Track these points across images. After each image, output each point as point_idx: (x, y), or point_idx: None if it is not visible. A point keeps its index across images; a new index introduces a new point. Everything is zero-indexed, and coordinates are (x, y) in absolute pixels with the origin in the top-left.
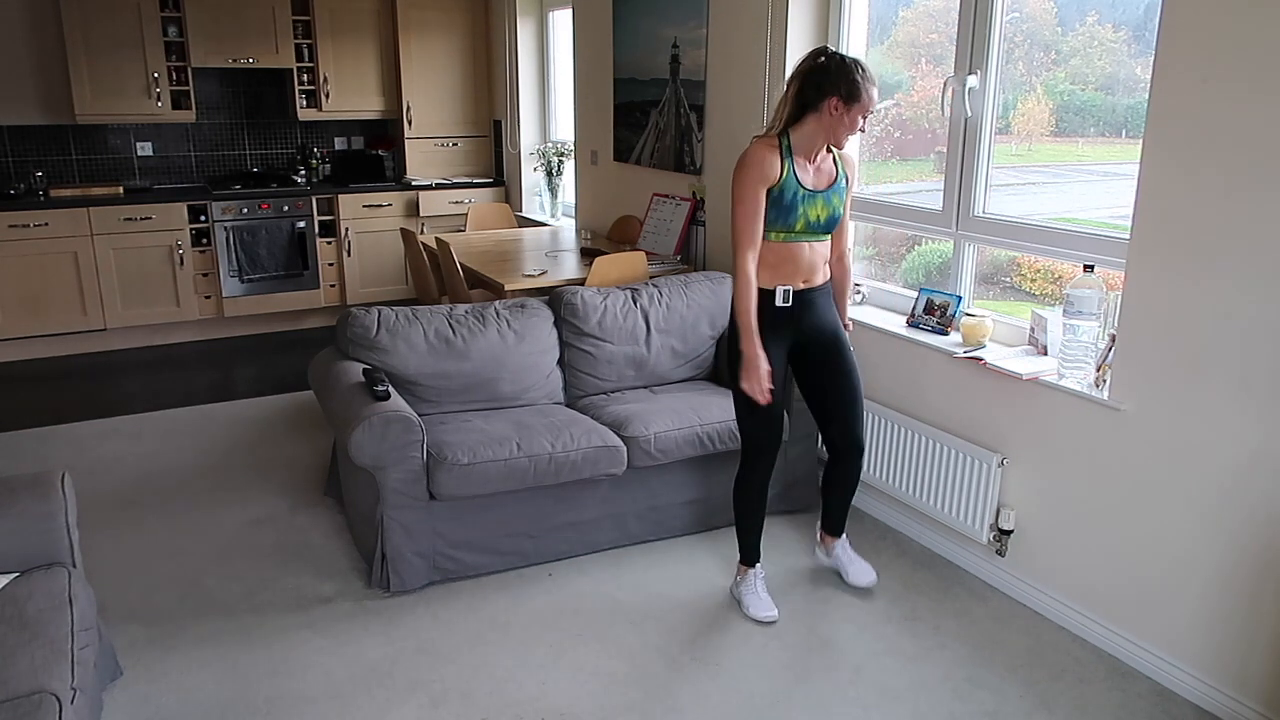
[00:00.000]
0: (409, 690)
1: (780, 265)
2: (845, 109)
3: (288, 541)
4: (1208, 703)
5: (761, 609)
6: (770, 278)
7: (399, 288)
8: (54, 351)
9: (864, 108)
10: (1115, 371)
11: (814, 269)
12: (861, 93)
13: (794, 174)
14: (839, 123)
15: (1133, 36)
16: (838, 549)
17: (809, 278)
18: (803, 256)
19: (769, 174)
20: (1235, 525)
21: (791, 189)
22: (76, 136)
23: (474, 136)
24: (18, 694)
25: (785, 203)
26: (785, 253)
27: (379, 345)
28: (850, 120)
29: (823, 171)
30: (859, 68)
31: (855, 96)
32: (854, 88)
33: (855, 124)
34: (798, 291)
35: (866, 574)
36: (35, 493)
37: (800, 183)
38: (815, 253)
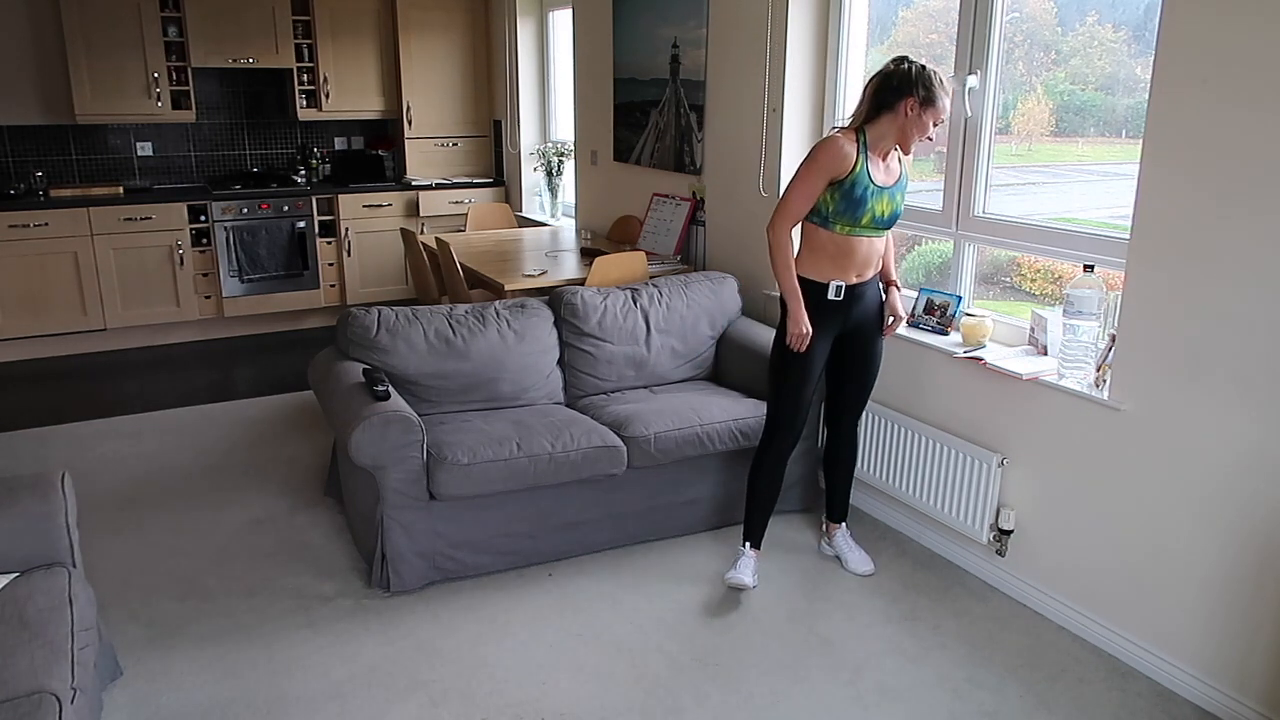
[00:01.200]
0: (409, 690)
1: (839, 258)
2: (920, 111)
3: (288, 541)
4: (1208, 703)
5: (736, 573)
6: (827, 270)
7: (399, 288)
8: (54, 351)
9: (937, 113)
10: (1115, 371)
11: (869, 264)
12: (938, 98)
13: (867, 169)
14: (912, 124)
15: (1133, 36)
16: (838, 537)
17: (862, 272)
18: (861, 251)
19: (841, 166)
20: (1235, 525)
21: (863, 183)
22: (76, 136)
23: (474, 136)
24: (18, 694)
25: (856, 196)
26: (846, 246)
27: (379, 345)
28: (922, 124)
29: (891, 169)
30: (937, 76)
31: (931, 101)
32: (931, 92)
33: (926, 128)
34: (849, 285)
35: (864, 563)
36: (35, 493)
37: (872, 178)
38: (873, 248)
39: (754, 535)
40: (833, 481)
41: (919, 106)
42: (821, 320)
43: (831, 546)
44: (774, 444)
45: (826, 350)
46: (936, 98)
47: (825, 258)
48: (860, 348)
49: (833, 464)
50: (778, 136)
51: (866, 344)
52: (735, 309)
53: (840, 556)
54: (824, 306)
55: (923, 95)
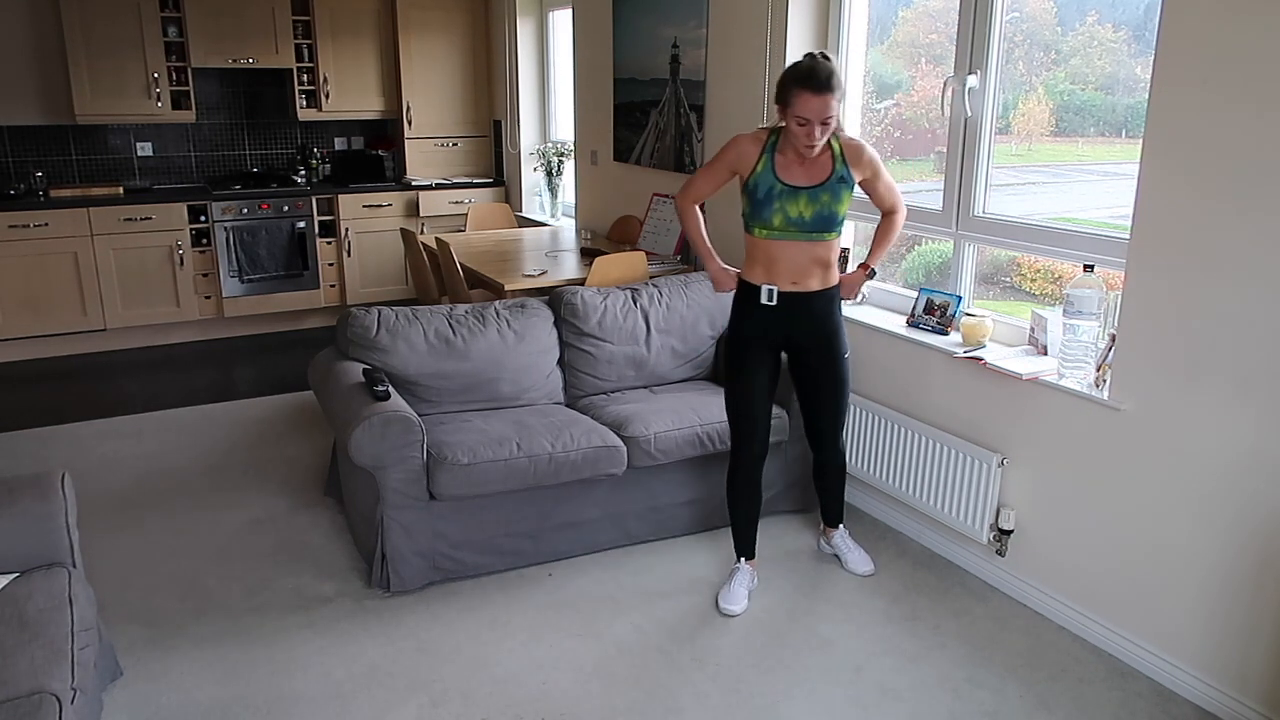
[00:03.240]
0: (409, 690)
1: (767, 262)
2: (785, 114)
3: (288, 541)
4: (1208, 702)
5: (726, 599)
6: (759, 274)
7: (399, 288)
8: (54, 351)
9: (796, 115)
10: (1115, 371)
11: (804, 271)
12: (792, 99)
13: (771, 169)
14: (790, 128)
15: (1133, 36)
16: (836, 538)
17: (798, 279)
18: (788, 256)
19: (740, 163)
20: (1235, 524)
21: (766, 184)
22: (76, 136)
23: (474, 136)
24: (18, 694)
25: (759, 197)
26: (768, 250)
27: (379, 345)
28: (795, 128)
29: (815, 167)
30: (801, 73)
31: (786, 102)
32: (785, 92)
33: (799, 134)
34: (785, 293)
35: (864, 563)
36: (35, 493)
37: (779, 178)
38: (806, 254)
39: (744, 548)
40: (822, 491)
41: (782, 110)
42: (758, 325)
43: (830, 546)
44: (736, 456)
45: (770, 360)
46: (791, 98)
47: (755, 262)
48: (813, 369)
49: (819, 476)
50: None
51: (820, 364)
52: None
53: (839, 556)
54: (759, 311)
55: (780, 97)
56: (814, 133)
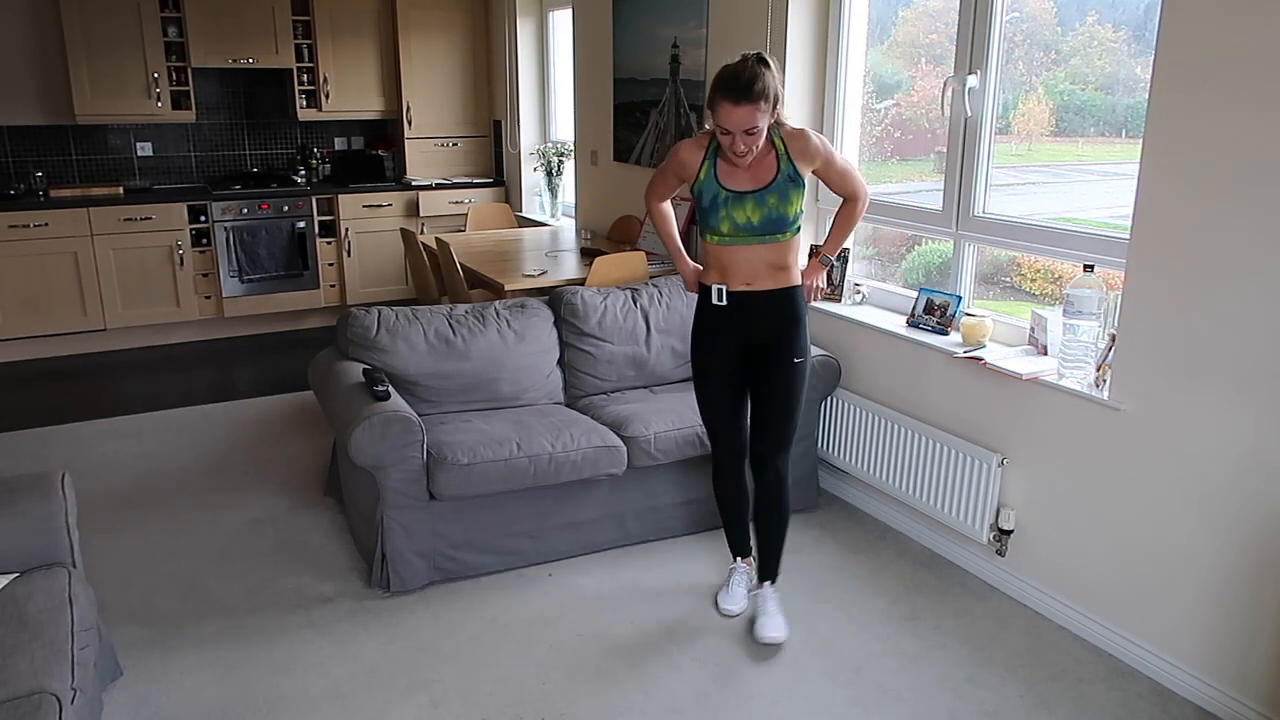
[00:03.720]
0: (409, 690)
1: (721, 267)
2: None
3: (288, 541)
4: (1208, 702)
5: (726, 599)
6: (710, 276)
7: (399, 288)
8: (54, 351)
9: (718, 124)
10: (1115, 371)
11: (757, 272)
12: (717, 105)
13: (714, 176)
14: (718, 136)
15: (1133, 36)
16: (759, 594)
17: (752, 280)
18: (740, 260)
19: (683, 172)
20: (1235, 524)
21: (710, 191)
22: (76, 136)
23: (474, 136)
24: (18, 694)
25: (704, 205)
26: (720, 255)
27: (379, 345)
28: (723, 137)
29: (760, 169)
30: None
31: (712, 108)
32: (712, 98)
33: (724, 142)
34: (736, 292)
35: (776, 629)
36: (35, 493)
37: (722, 184)
38: (759, 257)
39: (738, 547)
40: (757, 531)
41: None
42: (713, 325)
43: (750, 601)
44: (715, 458)
45: (730, 359)
46: (716, 104)
47: (710, 267)
48: (764, 371)
49: (756, 517)
50: None
51: (770, 367)
52: None
53: (754, 615)
54: (713, 311)
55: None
56: (737, 143)
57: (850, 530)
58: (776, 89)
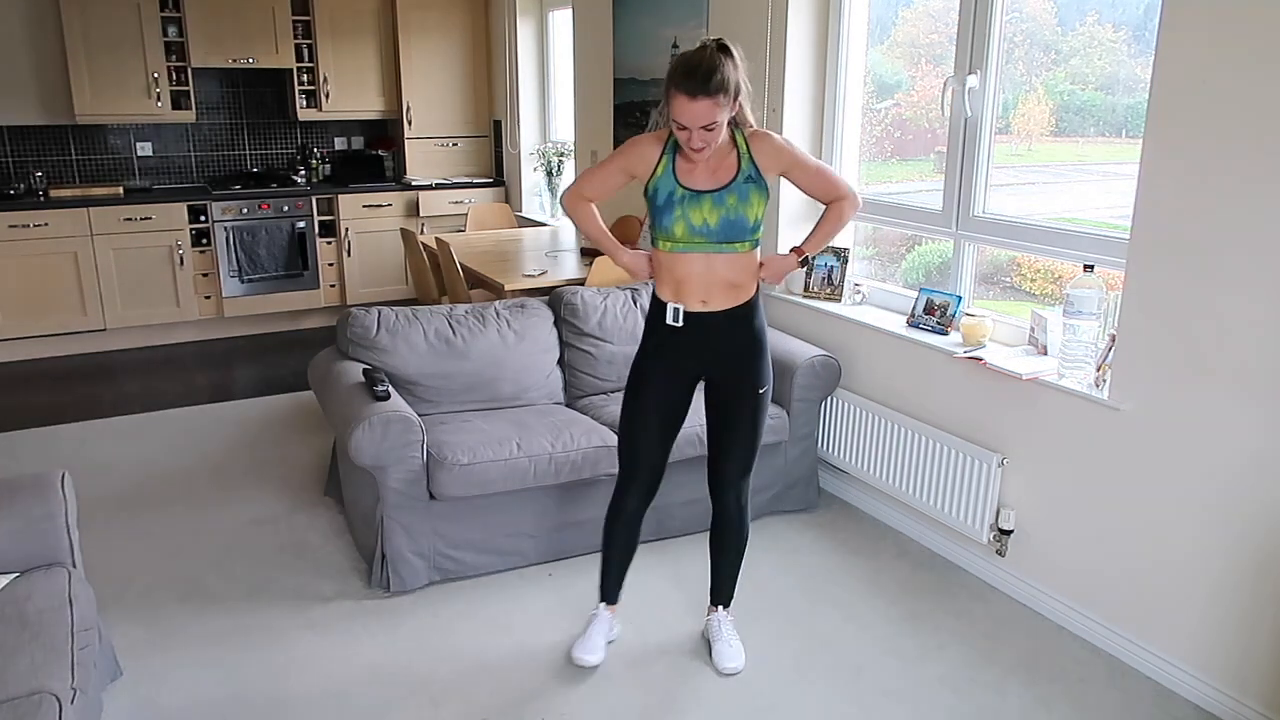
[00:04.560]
0: (409, 690)
1: (674, 282)
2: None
3: (288, 541)
4: (1208, 703)
5: (581, 649)
6: (667, 292)
7: (399, 288)
8: (54, 351)
9: (673, 116)
10: (1115, 371)
11: (715, 289)
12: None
13: (672, 172)
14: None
15: (1133, 36)
16: (713, 621)
17: (707, 297)
18: (695, 271)
19: (635, 166)
20: (1235, 525)
21: (667, 188)
22: (76, 136)
23: (474, 136)
24: (18, 694)
25: (659, 203)
26: (674, 265)
27: (379, 345)
28: (679, 132)
29: (720, 168)
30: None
31: (667, 100)
32: (665, 89)
33: (680, 137)
34: (693, 313)
35: (732, 658)
36: (35, 493)
37: (680, 182)
38: (716, 269)
39: (609, 593)
40: (715, 554)
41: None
42: (664, 351)
43: (706, 630)
44: (621, 495)
45: (676, 393)
46: (671, 97)
47: (663, 280)
48: (724, 401)
49: (712, 539)
50: None
51: (731, 398)
52: None
53: (709, 642)
54: (665, 334)
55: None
56: (694, 138)
57: (850, 530)
58: (738, 81)
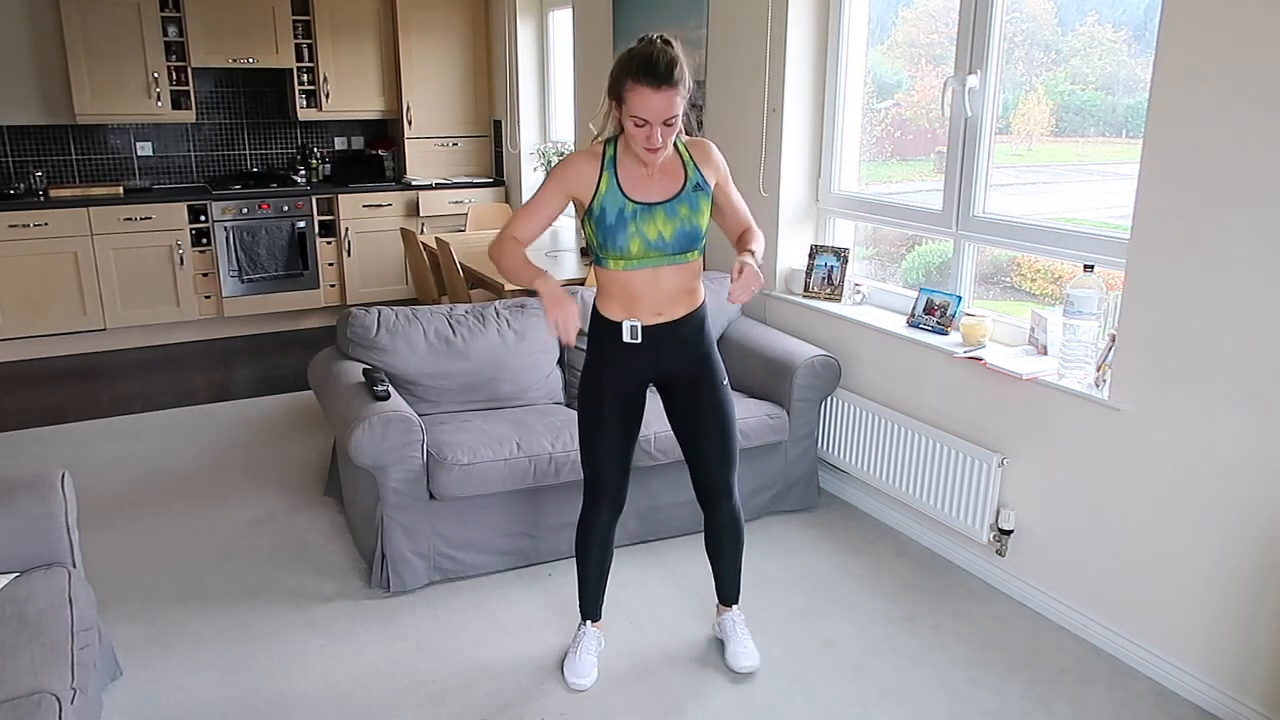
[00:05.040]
0: (409, 690)
1: (627, 298)
2: (619, 112)
3: (288, 541)
4: (1208, 703)
5: (573, 671)
6: (613, 310)
7: (399, 288)
8: (54, 351)
9: (633, 114)
10: (1115, 371)
11: (672, 299)
12: (625, 93)
13: (617, 186)
14: (627, 130)
15: (1133, 36)
16: (726, 620)
17: (663, 309)
18: (652, 286)
19: (574, 186)
20: (1235, 524)
21: (615, 205)
22: (76, 136)
23: (474, 136)
24: (18, 694)
25: (609, 222)
26: (629, 283)
27: (379, 345)
28: (632, 129)
29: (666, 178)
30: (636, 61)
31: (619, 97)
32: (617, 85)
33: (637, 135)
34: (649, 327)
35: (748, 657)
36: (35, 493)
37: (628, 196)
38: (671, 280)
39: (591, 610)
40: (715, 558)
41: (617, 107)
42: (621, 369)
43: (719, 629)
44: (592, 510)
45: (634, 406)
46: (625, 93)
47: (611, 297)
48: (691, 404)
49: (710, 543)
50: (778, 136)
51: (697, 387)
52: (734, 309)
53: (722, 642)
54: (621, 352)
55: (611, 90)
56: (654, 135)
57: (850, 530)
58: (690, 70)
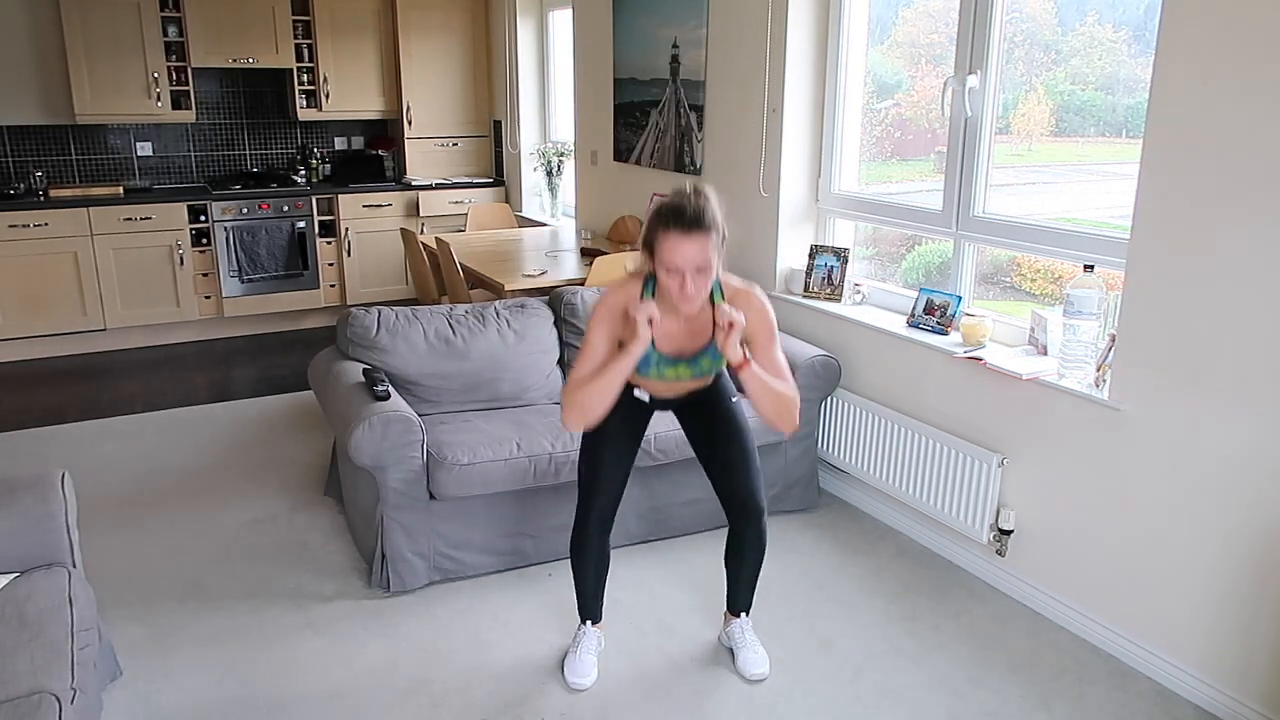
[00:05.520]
0: (409, 690)
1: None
2: (652, 263)
3: (288, 541)
4: (1208, 703)
5: (574, 670)
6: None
7: (399, 288)
8: (54, 351)
9: (665, 263)
10: (1115, 371)
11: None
12: (658, 243)
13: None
14: (660, 281)
15: (1133, 36)
16: (735, 627)
17: (676, 394)
18: (668, 387)
19: (619, 330)
20: (1235, 524)
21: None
22: (76, 136)
23: (474, 136)
24: (18, 694)
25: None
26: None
27: (379, 345)
28: (665, 280)
29: (695, 331)
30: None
31: (652, 247)
32: (650, 235)
33: (671, 287)
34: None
35: (759, 664)
36: (35, 493)
37: (654, 345)
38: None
39: (591, 612)
40: (735, 568)
41: (650, 258)
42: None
43: (727, 637)
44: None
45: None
46: (657, 243)
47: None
48: (703, 421)
49: (732, 553)
50: (778, 136)
51: (711, 415)
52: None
53: (732, 650)
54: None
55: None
56: (687, 285)
57: (850, 530)
58: (723, 220)
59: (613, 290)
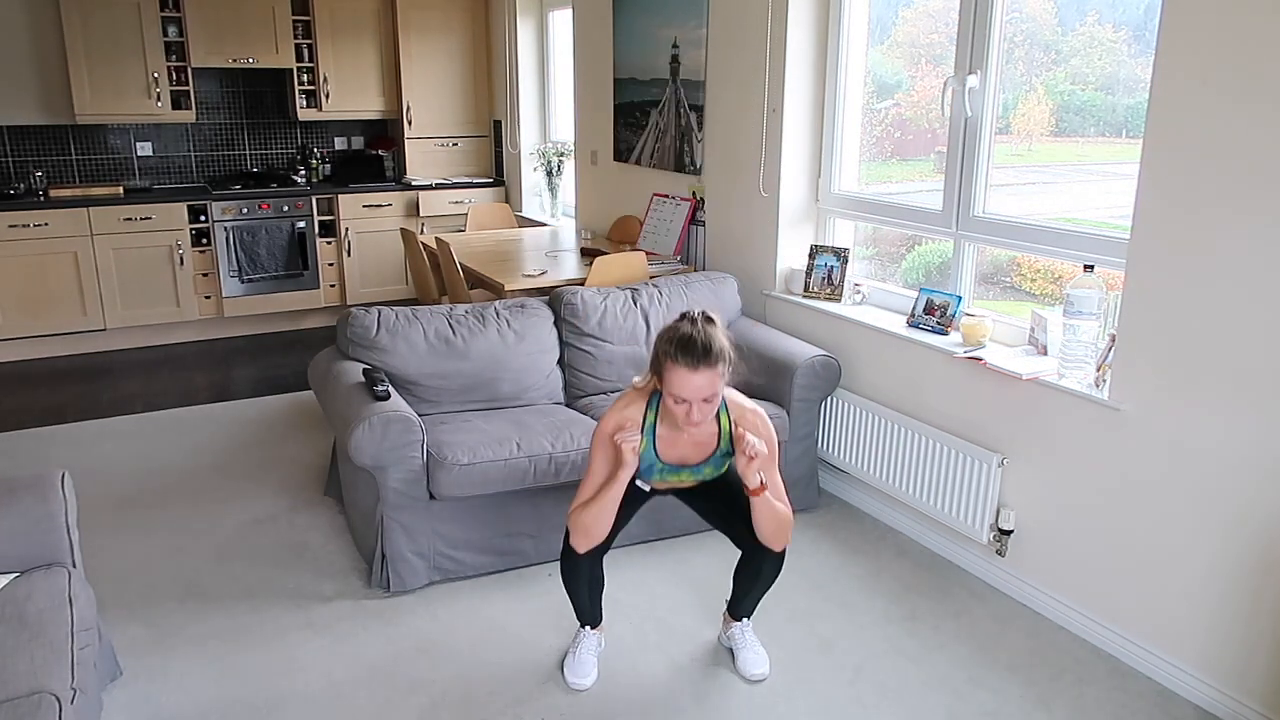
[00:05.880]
0: (409, 690)
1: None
2: (660, 386)
3: (288, 541)
4: (1208, 703)
5: (573, 671)
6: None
7: (399, 288)
8: (54, 351)
9: (673, 394)
10: (1115, 371)
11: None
12: (665, 372)
13: (652, 445)
14: (667, 405)
15: (1133, 36)
16: (735, 630)
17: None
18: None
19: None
20: (1235, 524)
21: (647, 459)
22: (76, 136)
23: (474, 136)
24: (18, 694)
25: (640, 466)
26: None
27: (379, 345)
28: (671, 406)
29: (699, 441)
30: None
31: (660, 373)
32: (658, 362)
33: (678, 412)
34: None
35: (759, 664)
36: (35, 493)
37: (659, 456)
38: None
39: (590, 620)
40: (742, 589)
41: (659, 382)
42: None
43: (726, 638)
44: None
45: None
46: (664, 372)
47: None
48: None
49: (745, 573)
50: (778, 137)
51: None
52: (735, 309)
53: (733, 650)
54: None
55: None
56: (693, 413)
57: (850, 530)
58: (730, 347)
59: (613, 413)
